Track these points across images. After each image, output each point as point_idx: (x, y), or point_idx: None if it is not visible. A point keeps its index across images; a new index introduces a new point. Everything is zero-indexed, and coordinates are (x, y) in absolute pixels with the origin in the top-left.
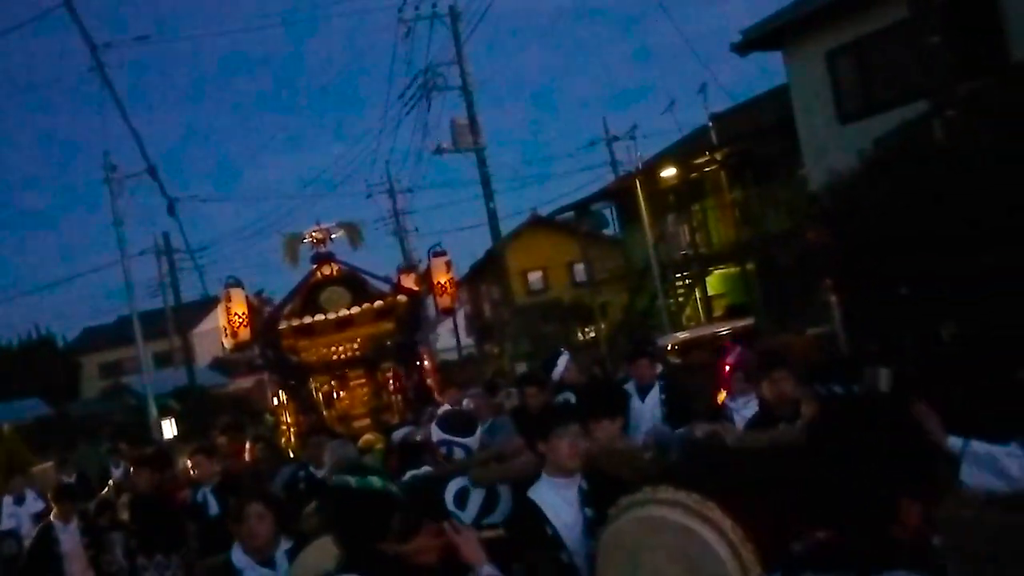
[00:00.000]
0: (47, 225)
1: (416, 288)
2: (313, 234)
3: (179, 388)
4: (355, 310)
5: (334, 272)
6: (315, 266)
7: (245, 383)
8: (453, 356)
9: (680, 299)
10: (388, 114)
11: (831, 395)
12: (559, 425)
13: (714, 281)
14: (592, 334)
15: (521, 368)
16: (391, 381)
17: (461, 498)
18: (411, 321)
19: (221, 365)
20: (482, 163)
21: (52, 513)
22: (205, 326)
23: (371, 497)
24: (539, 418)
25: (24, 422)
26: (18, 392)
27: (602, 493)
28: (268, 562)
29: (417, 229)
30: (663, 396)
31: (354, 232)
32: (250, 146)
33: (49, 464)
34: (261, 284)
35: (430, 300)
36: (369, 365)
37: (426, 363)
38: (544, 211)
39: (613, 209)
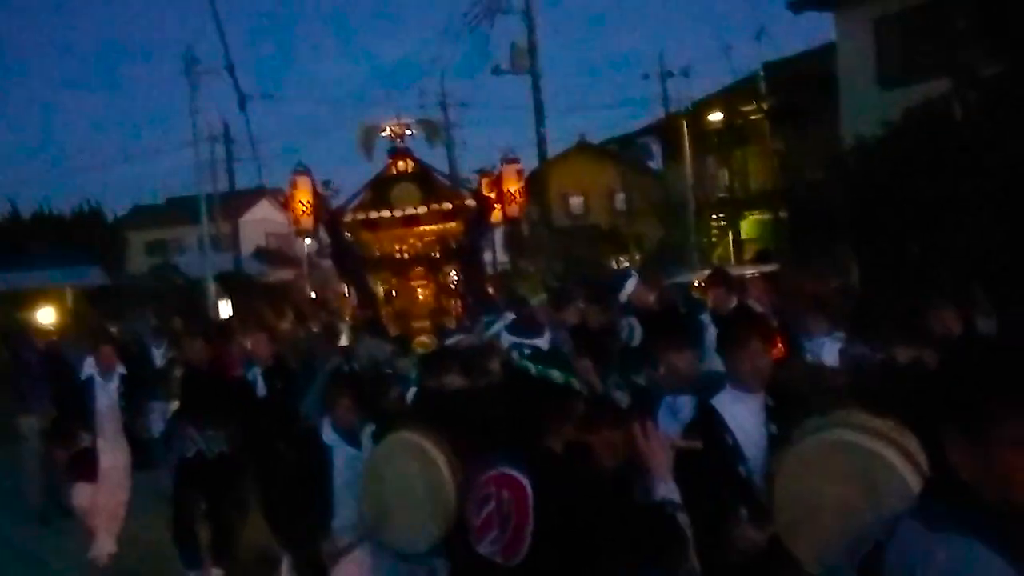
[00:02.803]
0: (113, 107)
1: (486, 193)
2: (392, 127)
3: (221, 273)
4: (422, 209)
5: (408, 168)
6: (390, 160)
7: (285, 274)
8: (489, 270)
9: (713, 239)
10: (449, 30)
11: None
12: (744, 340)
13: (748, 225)
14: (626, 263)
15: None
16: (452, 284)
17: None
18: (477, 226)
19: (262, 255)
20: (537, 87)
21: (96, 367)
22: (251, 216)
23: (548, 388)
24: (729, 326)
25: (86, 288)
26: (69, 259)
27: (788, 411)
28: (355, 442)
29: (466, 143)
30: None
31: (433, 129)
32: (311, 50)
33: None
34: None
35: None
36: (431, 266)
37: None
38: (592, 138)
39: (659, 144)
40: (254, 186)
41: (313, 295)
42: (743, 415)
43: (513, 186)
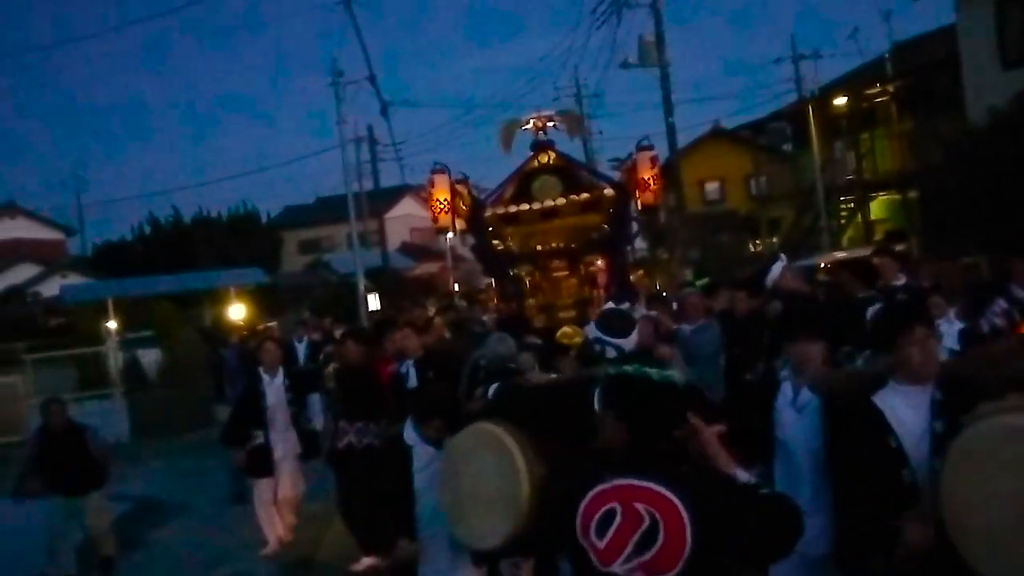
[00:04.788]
0: (261, 115)
1: (624, 182)
2: (534, 121)
3: (370, 269)
4: (560, 201)
5: (551, 160)
6: (532, 153)
7: (431, 267)
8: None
9: (843, 221)
10: (578, 28)
11: None
12: (906, 328)
13: (877, 207)
14: (761, 247)
15: (687, 274)
16: (594, 274)
17: None
18: (618, 215)
19: (408, 249)
20: (665, 79)
21: (261, 365)
22: (396, 212)
23: (656, 390)
24: (884, 321)
25: (247, 288)
26: (227, 261)
27: (960, 405)
28: (437, 443)
29: (601, 132)
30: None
31: (574, 122)
32: (445, 53)
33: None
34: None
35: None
36: (573, 257)
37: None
38: (726, 123)
39: (792, 128)
40: (397, 184)
41: (456, 287)
42: (906, 412)
43: (647, 173)
